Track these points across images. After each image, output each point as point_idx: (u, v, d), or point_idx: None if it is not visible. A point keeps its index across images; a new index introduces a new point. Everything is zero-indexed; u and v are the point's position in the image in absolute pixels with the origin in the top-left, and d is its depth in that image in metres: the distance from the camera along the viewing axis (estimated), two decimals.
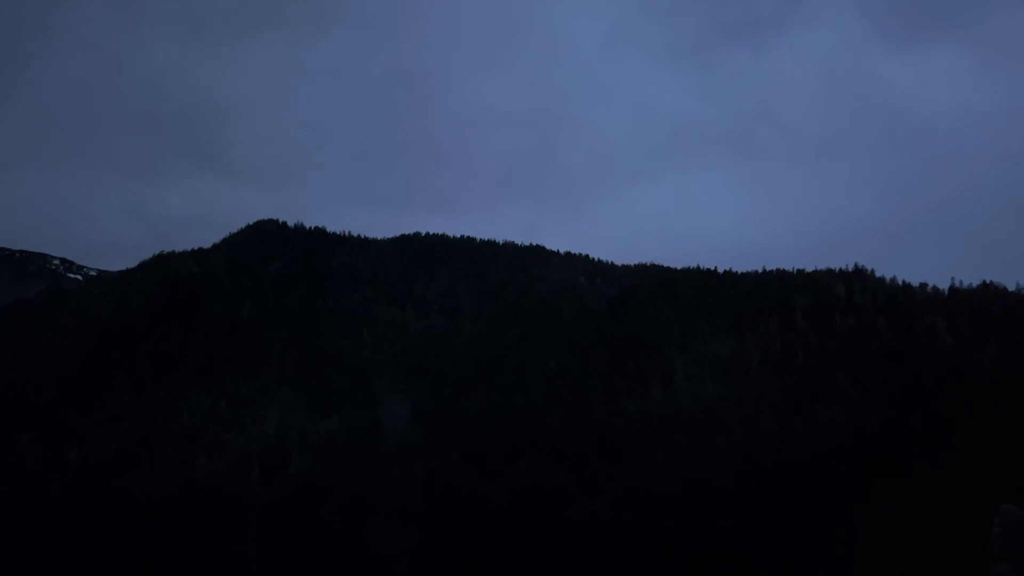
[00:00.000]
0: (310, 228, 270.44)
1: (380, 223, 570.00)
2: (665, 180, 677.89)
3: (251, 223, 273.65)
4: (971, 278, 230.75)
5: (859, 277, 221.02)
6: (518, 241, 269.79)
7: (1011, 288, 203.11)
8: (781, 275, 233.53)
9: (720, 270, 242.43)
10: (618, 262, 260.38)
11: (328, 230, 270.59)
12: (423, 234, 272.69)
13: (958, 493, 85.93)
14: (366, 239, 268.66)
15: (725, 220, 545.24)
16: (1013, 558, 10.61)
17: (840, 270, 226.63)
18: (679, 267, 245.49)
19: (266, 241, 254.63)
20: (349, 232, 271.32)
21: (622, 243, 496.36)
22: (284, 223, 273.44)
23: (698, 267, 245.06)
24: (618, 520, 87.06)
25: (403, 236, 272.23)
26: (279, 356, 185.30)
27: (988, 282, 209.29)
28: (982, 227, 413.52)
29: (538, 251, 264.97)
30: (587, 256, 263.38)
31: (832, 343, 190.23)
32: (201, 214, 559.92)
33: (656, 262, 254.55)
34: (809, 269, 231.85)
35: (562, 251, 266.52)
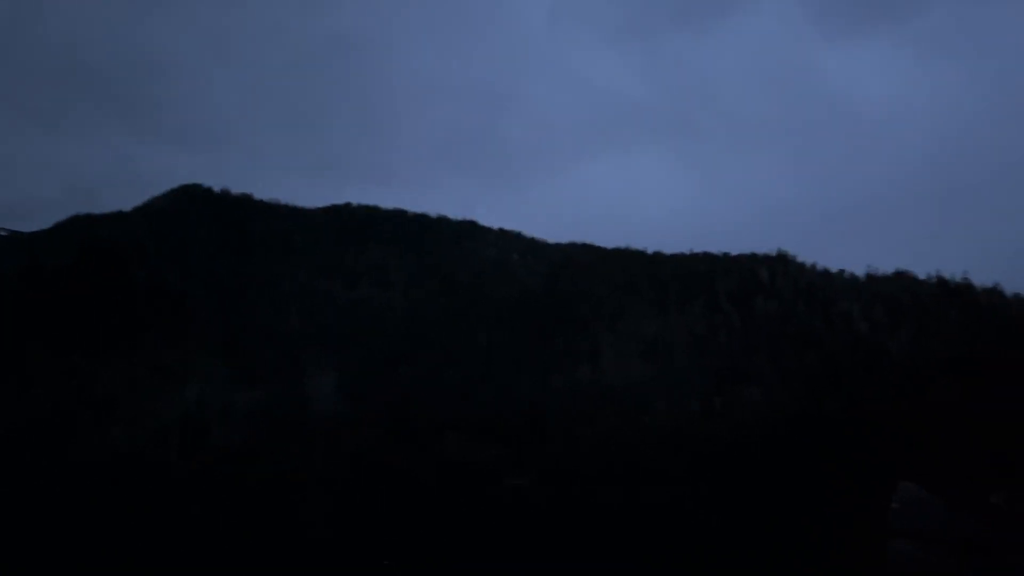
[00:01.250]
0: (238, 194, 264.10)
1: (313, 191, 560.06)
2: (606, 159, 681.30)
3: (176, 187, 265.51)
4: (886, 266, 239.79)
5: (782, 262, 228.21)
6: (452, 215, 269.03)
7: (922, 277, 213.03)
8: (708, 258, 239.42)
9: (650, 251, 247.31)
10: (552, 240, 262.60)
11: (256, 197, 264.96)
12: (355, 205, 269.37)
13: (865, 473, 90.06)
14: (296, 208, 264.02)
15: (662, 201, 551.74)
16: (910, 533, 11.29)
17: (764, 255, 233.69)
18: (611, 247, 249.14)
19: (192, 206, 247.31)
20: (278, 200, 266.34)
21: (559, 221, 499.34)
22: (211, 188, 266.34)
23: (629, 248, 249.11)
24: (543, 495, 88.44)
25: (334, 206, 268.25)
26: (203, 325, 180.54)
27: (902, 271, 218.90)
28: (900, 217, 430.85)
29: (472, 226, 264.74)
30: (520, 233, 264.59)
31: (754, 326, 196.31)
32: (124, 174, 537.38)
33: (589, 241, 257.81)
34: (735, 253, 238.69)
35: (496, 227, 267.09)
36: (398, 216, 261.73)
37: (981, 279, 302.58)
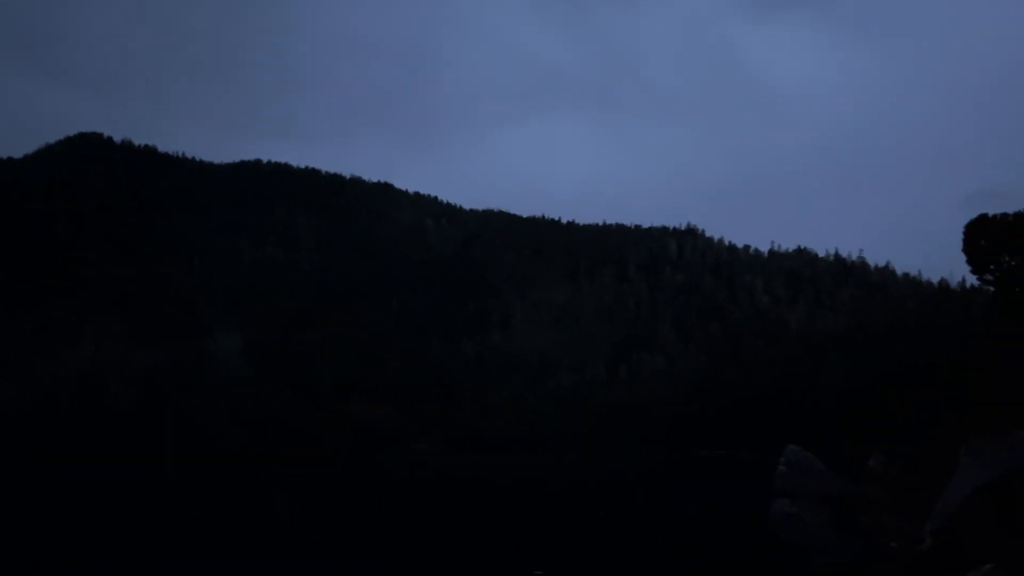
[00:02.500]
0: (141, 146, 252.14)
1: (222, 146, 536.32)
2: (526, 126, 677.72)
3: (73, 135, 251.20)
4: (789, 243, 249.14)
5: (690, 236, 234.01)
6: (367, 177, 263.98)
7: (821, 254, 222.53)
8: (620, 229, 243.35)
9: (564, 220, 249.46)
10: (468, 206, 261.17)
11: (160, 150, 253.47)
12: (264, 162, 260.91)
13: (758, 438, 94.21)
14: (202, 162, 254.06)
15: (579, 171, 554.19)
16: (793, 493, 11.79)
17: (674, 228, 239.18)
18: (525, 215, 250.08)
19: (89, 156, 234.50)
20: (183, 153, 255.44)
21: (476, 186, 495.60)
22: (111, 138, 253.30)
23: (543, 216, 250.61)
24: (449, 459, 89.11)
25: (243, 162, 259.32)
26: (98, 280, 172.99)
27: (802, 247, 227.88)
28: (804, 195, 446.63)
29: (386, 189, 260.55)
30: (436, 198, 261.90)
31: (661, 296, 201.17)
32: (15, 117, 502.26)
33: (504, 208, 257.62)
34: (646, 225, 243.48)
35: (411, 191, 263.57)
36: (310, 175, 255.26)
37: (875, 258, 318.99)
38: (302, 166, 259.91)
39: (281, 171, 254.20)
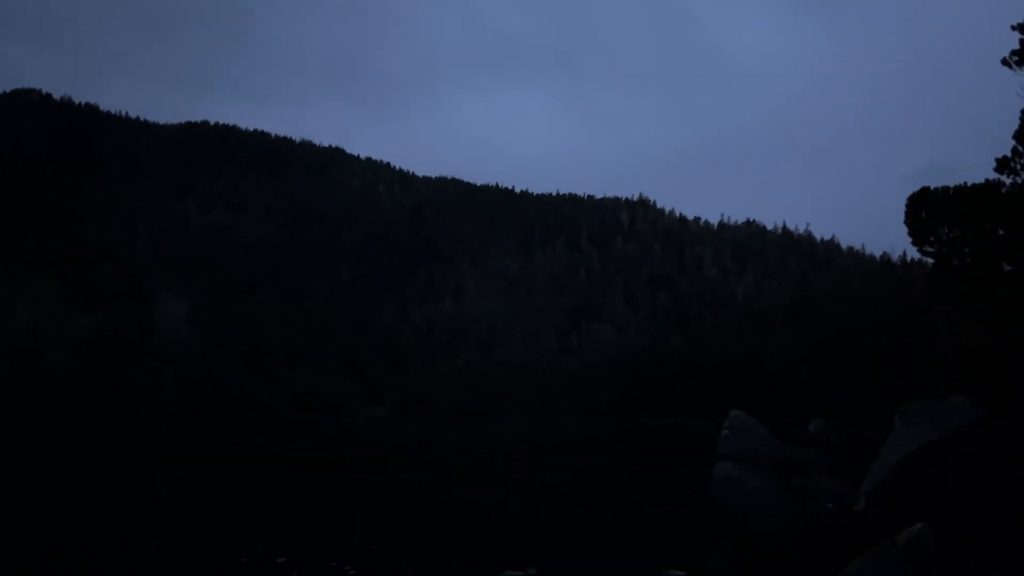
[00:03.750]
0: (81, 104, 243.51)
1: (168, 105, 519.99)
2: (485, 93, 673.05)
3: (8, 90, 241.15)
4: (738, 215, 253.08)
5: (642, 206, 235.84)
6: (317, 141, 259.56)
7: (769, 227, 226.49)
8: (573, 199, 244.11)
9: (517, 190, 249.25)
10: (421, 173, 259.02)
11: (103, 108, 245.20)
12: (212, 123, 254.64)
13: (705, 406, 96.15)
14: (147, 123, 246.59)
15: (536, 139, 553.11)
16: (735, 456, 12.02)
17: (626, 199, 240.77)
18: (479, 183, 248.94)
19: (26, 113, 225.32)
20: (127, 112, 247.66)
21: (432, 153, 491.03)
22: (49, 95, 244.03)
23: (497, 185, 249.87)
24: (398, 425, 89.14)
25: (190, 123, 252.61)
26: (35, 243, 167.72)
27: (751, 220, 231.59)
28: (755, 168, 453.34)
29: (337, 153, 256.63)
30: (388, 164, 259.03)
31: (612, 266, 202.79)
32: None
33: (457, 176, 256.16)
34: (599, 196, 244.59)
35: (363, 156, 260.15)
36: (259, 138, 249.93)
37: (821, 231, 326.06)
38: (251, 128, 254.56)
39: (229, 133, 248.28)
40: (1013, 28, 15.10)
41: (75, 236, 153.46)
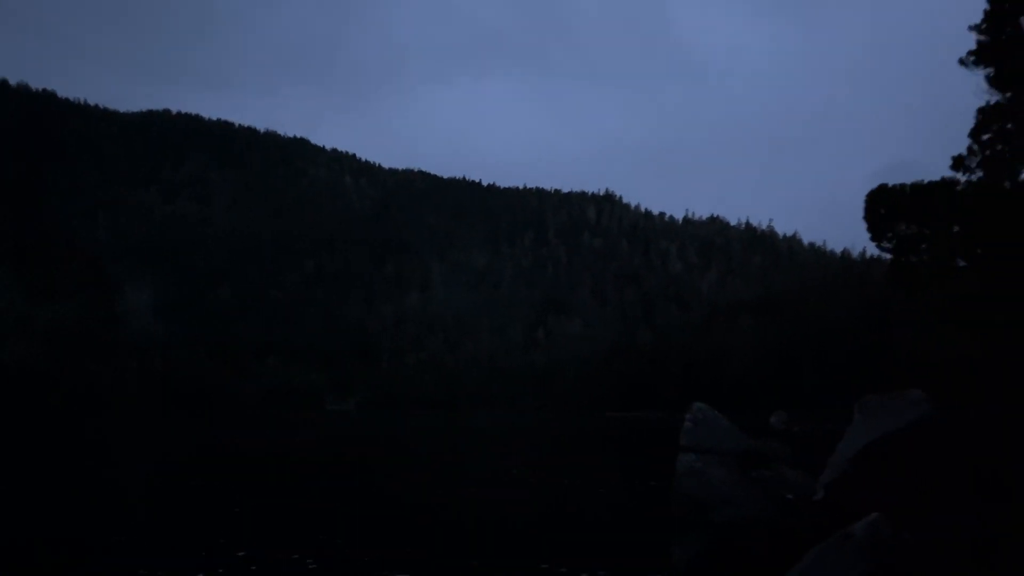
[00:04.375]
0: (38, 90, 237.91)
1: (133, 92, 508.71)
2: (455, 86, 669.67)
3: None
4: (703, 211, 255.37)
5: (609, 201, 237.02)
6: (282, 132, 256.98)
7: (733, 223, 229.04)
8: (540, 193, 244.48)
9: (485, 183, 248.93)
10: (388, 165, 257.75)
11: (60, 95, 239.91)
12: (175, 112, 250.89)
13: (670, 399, 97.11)
14: (109, 110, 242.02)
15: (505, 132, 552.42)
16: (698, 448, 12.18)
17: (593, 194, 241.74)
18: (447, 176, 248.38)
19: None
20: (86, 100, 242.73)
21: (400, 144, 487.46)
22: (4, 80, 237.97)
23: (464, 178, 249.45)
24: (365, 418, 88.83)
25: (152, 112, 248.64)
26: None
27: (715, 216, 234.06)
28: (722, 164, 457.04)
29: (303, 144, 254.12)
30: (354, 155, 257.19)
31: (579, 261, 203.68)
32: None
33: (424, 168, 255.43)
34: (566, 190, 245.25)
35: (329, 147, 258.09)
36: (223, 128, 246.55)
37: (784, 228, 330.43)
38: (215, 118, 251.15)
39: (193, 122, 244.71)
40: (970, 29, 15.46)
41: (34, 225, 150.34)
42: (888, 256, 20.73)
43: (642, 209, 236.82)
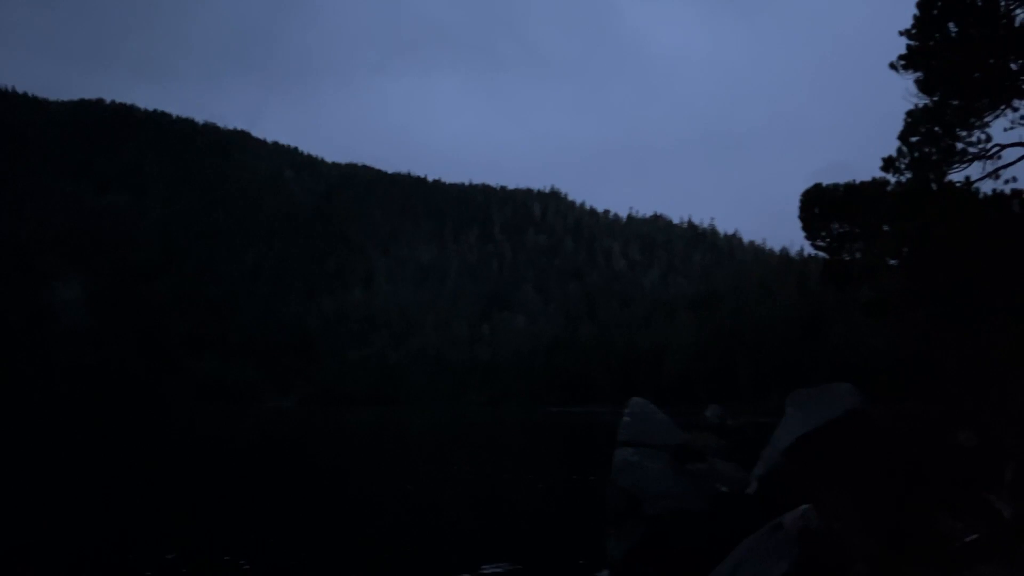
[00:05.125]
0: None
1: (63, 81, 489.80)
2: (402, 80, 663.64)
3: None
4: (646, 208, 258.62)
5: (554, 198, 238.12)
6: (221, 124, 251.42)
7: (676, 221, 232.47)
8: (485, 189, 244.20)
9: (430, 178, 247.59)
10: (330, 158, 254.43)
11: None
12: (108, 102, 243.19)
13: (611, 394, 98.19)
14: (37, 99, 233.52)
15: (453, 127, 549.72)
16: (635, 442, 12.27)
17: (538, 191, 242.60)
18: (391, 171, 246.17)
19: None
20: (12, 87, 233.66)
21: (345, 138, 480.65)
22: None
23: (409, 173, 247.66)
24: (305, 414, 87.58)
25: (84, 101, 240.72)
26: None
27: (658, 213, 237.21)
28: (666, 163, 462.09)
29: (243, 137, 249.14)
30: (296, 148, 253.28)
31: (524, 257, 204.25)
32: None
33: (368, 162, 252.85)
34: (511, 186, 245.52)
35: (270, 140, 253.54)
36: (159, 119, 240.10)
37: (724, 226, 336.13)
38: (150, 108, 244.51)
39: (127, 113, 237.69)
40: (901, 34, 15.88)
41: None
42: (823, 254, 21.23)
43: (587, 206, 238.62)
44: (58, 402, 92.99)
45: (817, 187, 19.60)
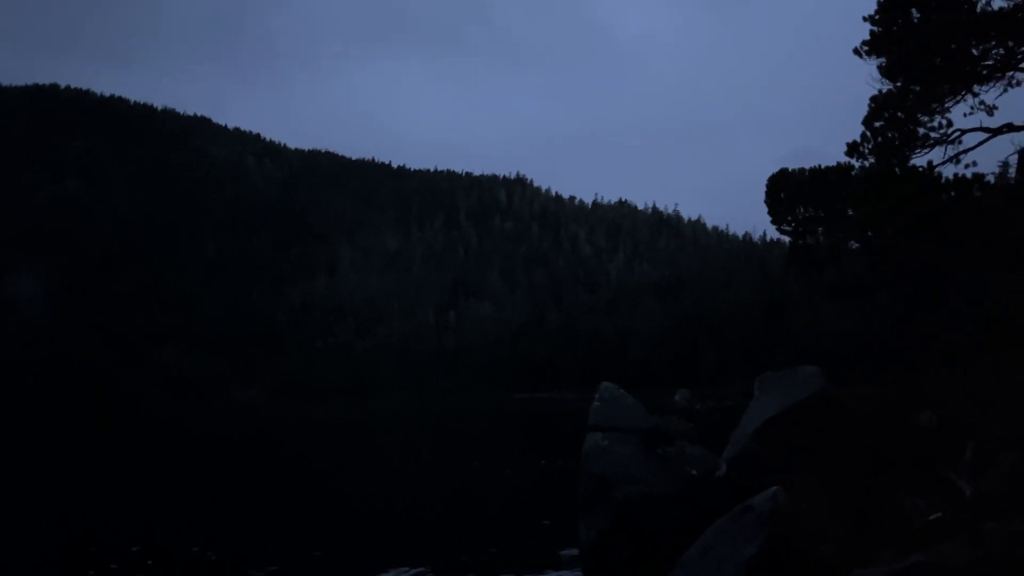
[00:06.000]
0: None
1: (15, 65, 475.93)
2: (369, 64, 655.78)
3: None
4: (611, 194, 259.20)
5: (520, 185, 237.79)
6: (181, 110, 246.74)
7: (641, 207, 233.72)
8: (451, 175, 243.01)
9: (395, 165, 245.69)
10: (293, 145, 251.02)
11: None
12: (63, 87, 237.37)
13: (578, 381, 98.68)
14: None
15: (418, 114, 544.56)
16: (605, 427, 12.33)
17: (504, 177, 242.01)
18: (355, 157, 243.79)
19: None
20: None
21: (310, 124, 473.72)
22: None
23: (373, 159, 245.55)
24: (272, 407, 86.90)
25: (37, 86, 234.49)
26: None
27: (623, 199, 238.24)
28: (631, 148, 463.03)
29: (204, 123, 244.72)
30: (258, 135, 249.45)
31: (490, 244, 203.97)
32: None
33: (331, 149, 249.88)
34: (477, 173, 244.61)
35: (231, 127, 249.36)
36: (116, 104, 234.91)
37: (688, 211, 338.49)
38: (107, 94, 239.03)
39: (83, 98, 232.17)
40: (865, 19, 16.01)
41: None
42: (788, 239, 21.45)
43: (552, 193, 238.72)
44: (20, 398, 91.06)
45: (783, 172, 19.78)
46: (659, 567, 8.77)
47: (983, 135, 15.93)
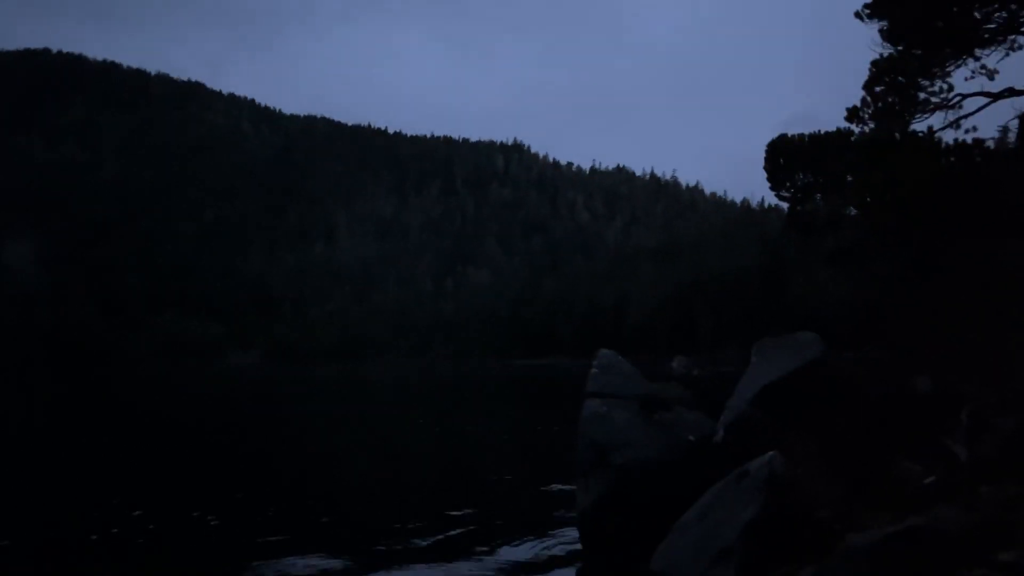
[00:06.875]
0: None
1: (11, 29, 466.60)
2: (365, 27, 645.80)
3: None
4: (609, 160, 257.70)
5: (517, 151, 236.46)
6: (175, 75, 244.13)
7: (638, 173, 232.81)
8: (448, 141, 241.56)
9: (391, 130, 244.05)
10: (289, 111, 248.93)
11: None
12: (55, 51, 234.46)
13: (576, 346, 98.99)
14: None
15: (416, 78, 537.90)
16: (603, 393, 12.34)
17: (501, 143, 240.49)
18: (351, 123, 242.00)
19: None
20: None
21: (307, 88, 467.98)
22: None
23: (369, 125, 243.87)
24: (269, 371, 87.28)
25: (29, 51, 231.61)
26: None
27: (621, 166, 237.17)
28: (629, 114, 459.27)
29: (197, 88, 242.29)
30: (253, 100, 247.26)
31: (487, 211, 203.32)
32: None
33: (327, 114, 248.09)
34: (474, 139, 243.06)
35: (226, 92, 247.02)
36: (110, 69, 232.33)
37: (686, 177, 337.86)
38: (100, 59, 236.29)
39: (76, 63, 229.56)
40: None
41: None
42: (786, 205, 21.32)
43: (550, 159, 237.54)
44: (16, 364, 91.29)
45: (783, 137, 19.57)
46: (656, 531, 8.83)
47: (984, 100, 15.77)
